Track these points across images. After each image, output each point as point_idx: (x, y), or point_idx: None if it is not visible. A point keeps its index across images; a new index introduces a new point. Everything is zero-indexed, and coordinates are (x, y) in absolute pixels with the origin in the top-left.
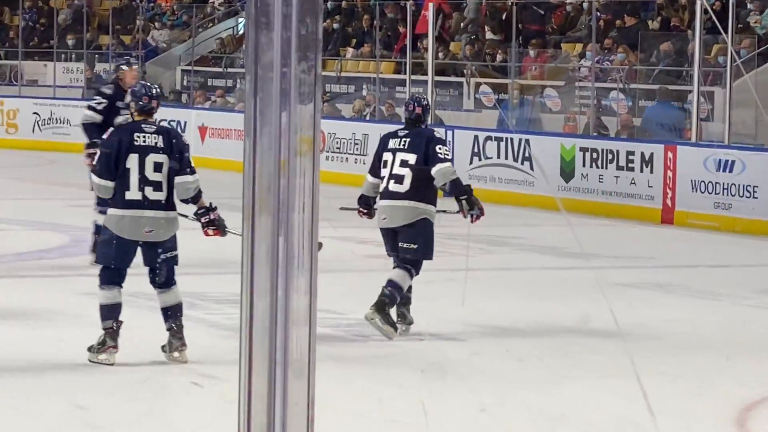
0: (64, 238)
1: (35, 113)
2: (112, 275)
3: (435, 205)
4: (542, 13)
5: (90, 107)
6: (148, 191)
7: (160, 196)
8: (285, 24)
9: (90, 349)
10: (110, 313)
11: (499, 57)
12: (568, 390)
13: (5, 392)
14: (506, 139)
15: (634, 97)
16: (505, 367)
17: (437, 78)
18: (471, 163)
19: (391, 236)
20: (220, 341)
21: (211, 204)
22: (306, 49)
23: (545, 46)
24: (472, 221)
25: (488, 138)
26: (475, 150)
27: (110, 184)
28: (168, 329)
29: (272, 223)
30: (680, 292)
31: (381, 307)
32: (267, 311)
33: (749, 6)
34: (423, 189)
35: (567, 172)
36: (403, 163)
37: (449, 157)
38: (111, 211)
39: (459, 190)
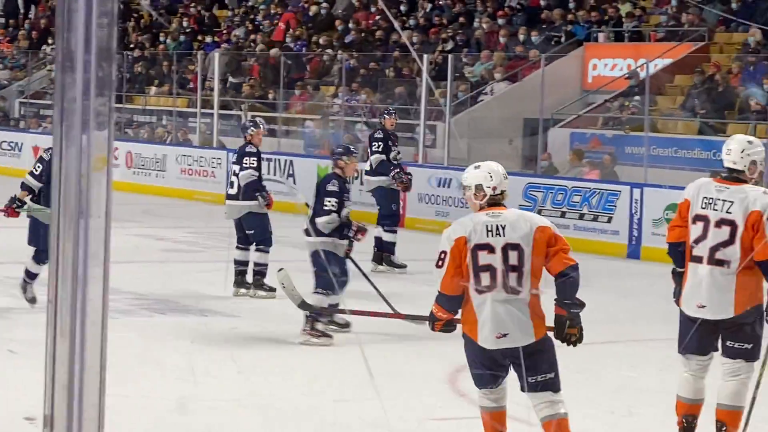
0: None
1: None
2: None
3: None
4: (304, 62)
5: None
6: None
7: None
8: (86, 67)
9: None
10: None
11: (270, 95)
12: (293, 356)
13: None
14: (275, 159)
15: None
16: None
17: (221, 111)
18: None
19: (238, 226)
20: (40, 315)
21: None
22: (102, 87)
23: (306, 88)
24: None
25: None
26: None
27: None
28: None
29: (74, 225)
30: (407, 276)
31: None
32: (69, 295)
33: (464, 59)
34: (247, 191)
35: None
36: (234, 173)
37: (248, 165)
38: None
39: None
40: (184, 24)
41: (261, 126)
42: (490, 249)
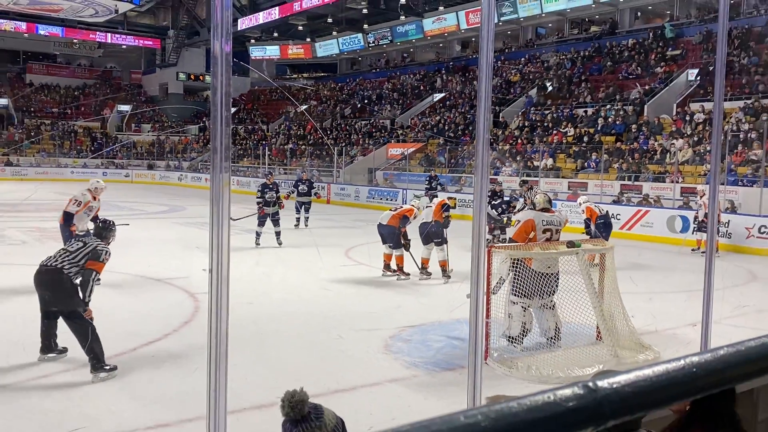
0: None
1: None
2: None
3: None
4: (294, 149)
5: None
6: None
7: None
8: (227, 148)
9: None
10: None
11: (284, 161)
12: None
13: None
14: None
15: None
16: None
17: (269, 167)
18: None
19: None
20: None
21: None
22: (225, 159)
23: (296, 158)
24: None
25: None
26: None
27: None
28: None
29: (219, 205)
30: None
31: None
32: (217, 230)
33: (349, 148)
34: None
35: None
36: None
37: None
38: None
39: None
40: (254, 137)
41: None
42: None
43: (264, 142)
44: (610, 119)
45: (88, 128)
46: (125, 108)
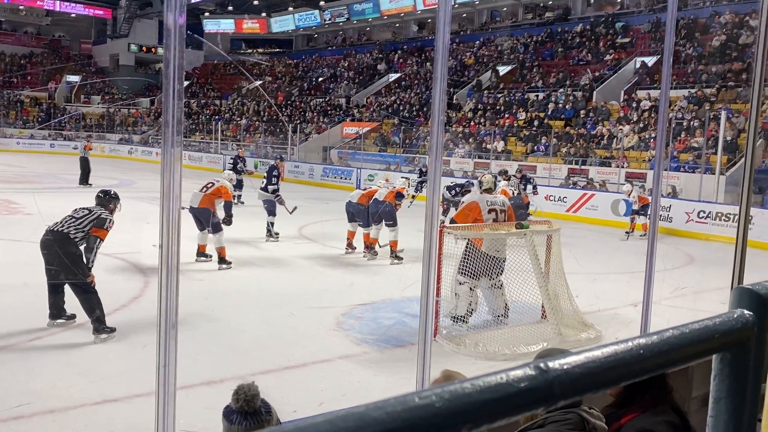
0: None
1: None
2: None
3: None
4: (253, 122)
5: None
6: None
7: None
8: (178, 127)
9: None
10: None
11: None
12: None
13: None
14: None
15: None
16: None
17: (222, 143)
18: None
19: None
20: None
21: None
22: (178, 133)
23: (251, 134)
24: None
25: None
26: None
27: None
28: None
29: (170, 179)
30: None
31: None
32: (168, 210)
33: (305, 126)
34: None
35: None
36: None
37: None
38: None
39: None
40: (207, 111)
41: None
42: None
43: (217, 117)
44: (560, 104)
45: (35, 98)
46: (74, 78)
